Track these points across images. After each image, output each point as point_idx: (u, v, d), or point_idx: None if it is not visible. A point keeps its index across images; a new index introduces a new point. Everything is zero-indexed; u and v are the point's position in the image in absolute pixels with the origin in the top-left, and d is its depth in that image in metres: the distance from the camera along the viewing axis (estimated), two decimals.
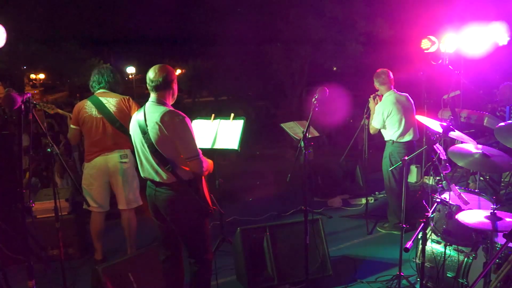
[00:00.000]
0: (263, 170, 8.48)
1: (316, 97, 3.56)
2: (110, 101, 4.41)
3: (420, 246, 3.24)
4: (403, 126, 5.25)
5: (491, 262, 2.10)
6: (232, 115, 4.36)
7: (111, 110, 4.38)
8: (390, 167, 5.19)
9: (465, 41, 6.95)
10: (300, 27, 12.24)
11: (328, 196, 6.87)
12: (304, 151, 3.44)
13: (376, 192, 7.08)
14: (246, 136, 4.33)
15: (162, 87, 3.18)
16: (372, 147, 6.13)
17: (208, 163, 3.30)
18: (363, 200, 6.29)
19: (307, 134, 3.53)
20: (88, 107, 4.41)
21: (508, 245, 2.31)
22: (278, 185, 7.41)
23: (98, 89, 4.48)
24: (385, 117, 5.25)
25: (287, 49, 13.31)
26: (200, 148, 3.22)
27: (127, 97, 4.53)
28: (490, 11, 8.21)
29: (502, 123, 4.20)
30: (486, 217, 3.04)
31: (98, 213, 4.59)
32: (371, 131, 5.49)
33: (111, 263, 3.60)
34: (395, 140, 5.32)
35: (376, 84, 5.46)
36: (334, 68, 17.78)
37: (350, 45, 12.57)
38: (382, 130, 5.44)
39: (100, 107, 4.38)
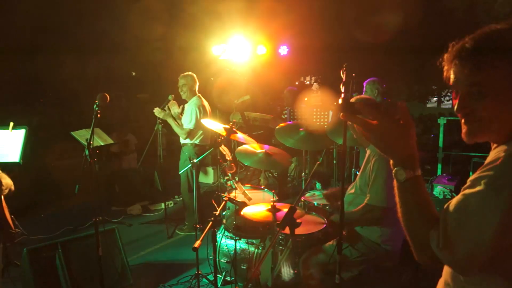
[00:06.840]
0: (57, 183, 7.86)
1: (97, 103, 3.45)
2: None
3: (212, 244, 3.43)
4: (205, 129, 5.43)
5: (267, 250, 2.34)
6: (12, 124, 3.95)
7: None
8: (187, 169, 5.31)
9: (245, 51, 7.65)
10: (95, 32, 11.74)
11: (127, 204, 6.76)
12: (89, 160, 3.31)
13: (176, 196, 7.22)
14: (36, 146, 3.98)
15: None
16: (168, 151, 6.23)
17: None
18: (163, 205, 6.35)
19: (92, 142, 3.40)
20: None
21: (284, 232, 2.61)
22: (74, 198, 6.96)
23: None
24: (199, 117, 5.36)
25: (80, 55, 12.61)
26: None
27: None
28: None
29: (282, 124, 4.71)
30: (268, 210, 3.38)
31: None
32: (183, 136, 5.48)
33: None
34: (197, 143, 5.50)
35: (184, 88, 5.51)
36: (133, 74, 17.52)
37: (147, 51, 12.57)
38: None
39: None
